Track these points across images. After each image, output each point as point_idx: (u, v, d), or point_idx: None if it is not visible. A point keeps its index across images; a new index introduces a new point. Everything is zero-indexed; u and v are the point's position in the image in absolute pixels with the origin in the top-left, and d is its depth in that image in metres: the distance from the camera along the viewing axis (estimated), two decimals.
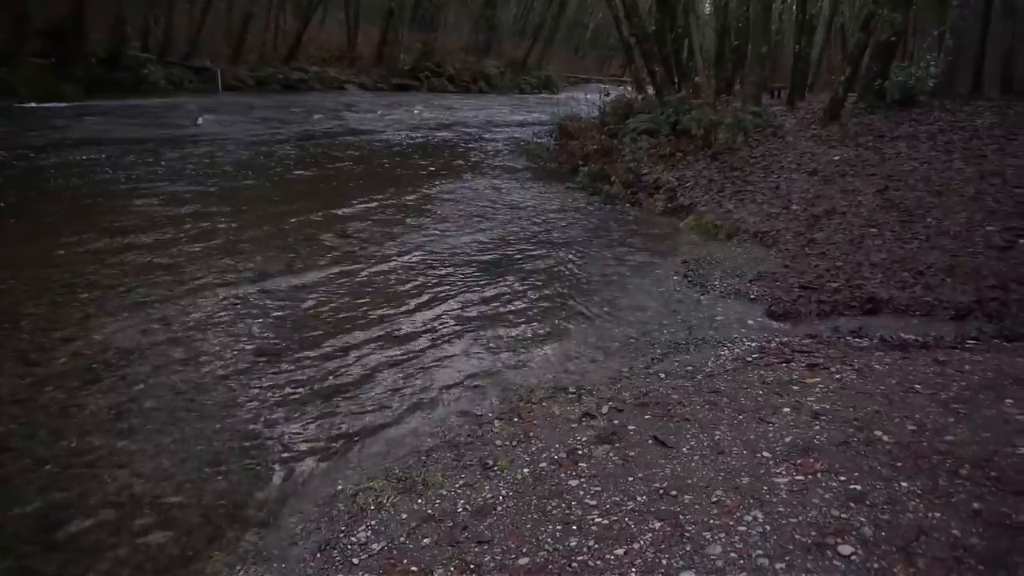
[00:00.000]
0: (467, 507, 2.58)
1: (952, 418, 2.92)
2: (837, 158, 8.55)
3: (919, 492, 2.36)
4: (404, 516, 2.55)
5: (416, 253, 6.03)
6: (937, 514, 2.22)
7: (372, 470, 2.94)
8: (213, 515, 2.64)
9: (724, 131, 9.77)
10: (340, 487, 2.83)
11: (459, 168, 10.45)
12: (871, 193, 7.14)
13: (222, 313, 4.45)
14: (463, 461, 2.95)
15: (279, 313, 4.53)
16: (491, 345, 4.32)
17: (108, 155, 9.11)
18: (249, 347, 4.02)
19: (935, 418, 2.93)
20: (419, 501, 2.64)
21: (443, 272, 5.58)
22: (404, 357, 4.06)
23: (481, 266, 5.81)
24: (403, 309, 4.77)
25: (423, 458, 3.03)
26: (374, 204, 7.67)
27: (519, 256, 6.18)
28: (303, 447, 3.11)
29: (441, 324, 4.57)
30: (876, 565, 2.01)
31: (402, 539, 2.41)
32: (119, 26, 15.14)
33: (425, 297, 5.02)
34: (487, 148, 12.67)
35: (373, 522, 2.53)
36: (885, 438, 2.77)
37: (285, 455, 3.04)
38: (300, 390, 3.59)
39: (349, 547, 2.40)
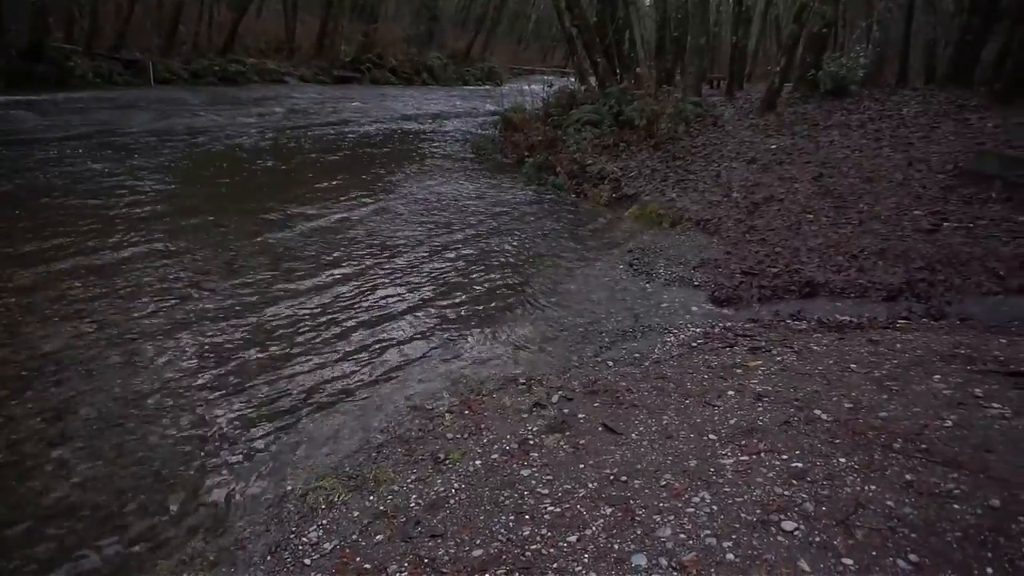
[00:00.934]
0: (420, 502, 2.56)
1: (885, 395, 3.04)
2: (774, 147, 8.79)
3: (856, 467, 2.45)
4: (356, 514, 2.52)
5: (361, 248, 5.94)
6: (873, 487, 2.31)
7: (322, 469, 2.90)
8: (157, 523, 2.56)
9: (666, 121, 9.93)
10: (290, 488, 2.78)
11: (404, 161, 10.33)
12: (807, 180, 7.36)
13: (160, 315, 4.31)
14: (415, 456, 2.93)
15: (220, 313, 4.41)
16: (440, 338, 4.29)
17: (24, 152, 8.69)
18: (190, 349, 3.91)
19: (870, 395, 3.05)
20: (371, 498, 2.62)
21: (389, 267, 5.52)
22: (351, 354, 4.01)
23: (428, 260, 5.77)
24: (349, 305, 4.70)
25: (374, 455, 3.00)
26: (317, 200, 7.53)
27: (466, 249, 6.16)
28: (250, 449, 3.04)
29: (389, 319, 4.52)
30: (817, 538, 2.08)
31: (354, 537, 2.38)
32: (40, 16, 14.38)
33: (372, 293, 4.96)
34: (432, 140, 12.57)
35: (324, 521, 2.50)
36: (824, 416, 2.87)
37: (231, 458, 2.97)
38: (245, 391, 3.51)
39: (300, 548, 2.37)
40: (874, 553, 2.00)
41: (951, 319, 4.49)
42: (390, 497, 2.61)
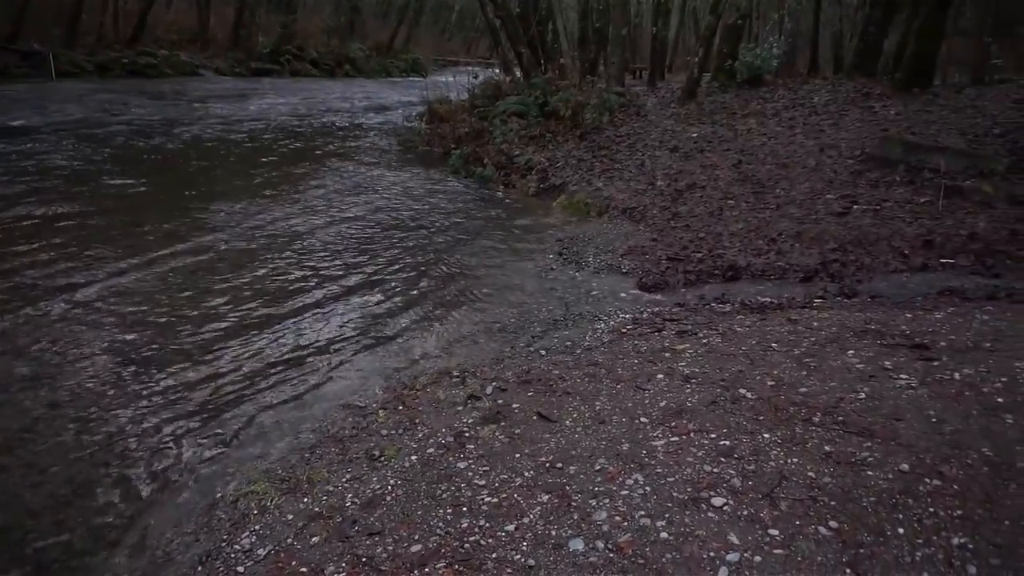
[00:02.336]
0: (356, 500, 2.53)
1: (804, 371, 3.18)
2: (696, 135, 9.03)
3: (779, 441, 2.56)
4: (290, 517, 2.46)
5: (283, 245, 5.79)
6: (795, 460, 2.42)
7: (253, 473, 2.81)
8: (76, 540, 2.43)
9: (591, 111, 10.06)
10: (219, 494, 2.69)
11: (329, 155, 10.11)
12: (727, 167, 7.60)
13: (71, 319, 4.09)
14: (349, 454, 2.89)
15: (137, 316, 4.22)
16: (370, 334, 4.23)
17: None
18: (104, 354, 3.73)
19: (790, 373, 3.18)
20: (305, 500, 2.56)
21: (316, 263, 5.40)
22: (279, 353, 3.90)
23: (356, 255, 5.67)
24: (275, 304, 4.57)
25: (307, 455, 2.93)
26: (238, 196, 7.29)
27: (395, 243, 6.08)
28: (175, 457, 2.93)
29: (316, 316, 4.43)
30: (745, 512, 2.16)
31: (289, 540, 2.33)
32: None
33: (298, 290, 4.84)
34: (357, 134, 12.35)
35: (257, 527, 2.43)
36: (749, 395, 2.98)
37: (155, 468, 2.85)
38: (168, 396, 3.37)
39: (233, 555, 2.30)
40: (797, 522, 2.09)
41: (862, 297, 4.73)
42: (325, 498, 2.56)
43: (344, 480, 2.67)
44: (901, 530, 2.01)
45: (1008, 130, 7.49)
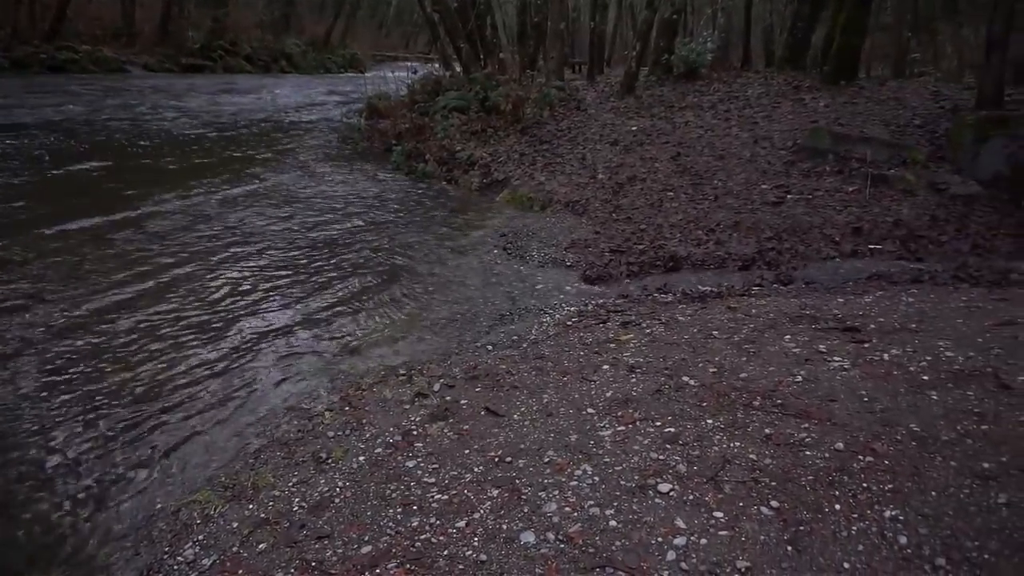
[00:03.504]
0: (303, 504, 2.48)
1: (744, 357, 3.28)
2: (635, 128, 9.17)
3: (722, 426, 2.63)
4: (235, 524, 2.40)
5: (221, 246, 5.62)
6: (737, 443, 2.49)
7: (195, 482, 2.73)
8: (5, 560, 2.32)
9: (531, 106, 10.09)
10: (159, 506, 2.60)
11: (265, 154, 9.86)
12: (666, 160, 7.74)
13: None
14: (295, 458, 2.83)
15: (66, 322, 4.04)
16: (314, 335, 4.15)
17: None
18: (32, 368, 3.55)
19: (731, 359, 3.27)
20: (250, 506, 2.50)
21: (254, 264, 5.27)
22: (219, 356, 3.79)
23: (296, 255, 5.55)
24: (212, 306, 4.44)
25: (251, 461, 2.86)
26: (173, 197, 7.03)
27: (336, 242, 5.98)
28: (110, 469, 2.82)
29: (257, 318, 4.32)
30: (691, 496, 2.22)
31: (235, 549, 2.27)
32: None
33: (236, 291, 4.71)
34: (294, 131, 12.07)
35: (200, 536, 2.36)
36: (692, 382, 3.05)
37: (89, 481, 2.73)
38: (100, 405, 3.23)
39: (175, 568, 2.23)
40: (741, 504, 2.15)
41: (797, 283, 4.90)
42: (271, 503, 2.51)
43: (291, 484, 2.62)
44: (838, 506, 2.10)
45: (927, 121, 7.86)
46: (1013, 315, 3.43)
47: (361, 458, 2.75)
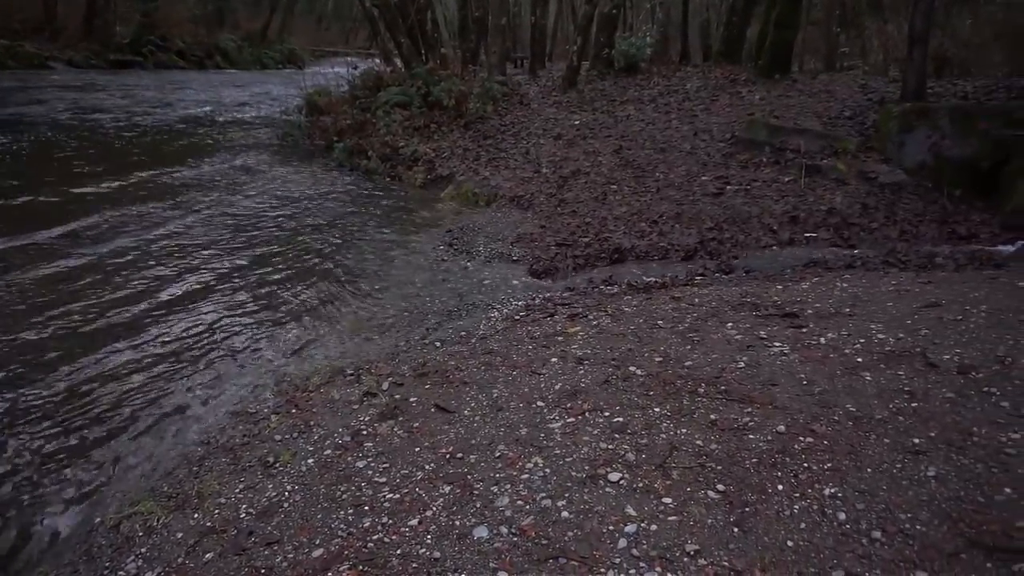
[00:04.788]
0: (251, 511, 2.43)
1: (689, 346, 3.34)
2: (578, 122, 9.24)
3: (669, 414, 2.68)
4: (180, 535, 2.33)
5: (160, 248, 5.44)
6: (684, 430, 2.54)
7: (136, 493, 2.64)
8: None
9: (474, 101, 10.07)
10: (99, 519, 2.50)
11: (202, 152, 9.56)
12: (609, 153, 7.83)
13: None
14: (241, 463, 2.76)
15: None
16: (257, 338, 4.06)
17: None
18: None
19: (676, 348, 3.33)
20: (195, 516, 2.43)
21: (194, 266, 5.11)
22: (157, 363, 3.67)
23: (236, 256, 5.41)
24: (150, 310, 4.29)
25: (195, 468, 2.78)
26: (102, 199, 6.75)
27: (278, 242, 5.86)
28: (44, 482, 2.70)
29: (197, 321, 4.19)
30: (640, 484, 2.25)
31: (181, 560, 2.20)
32: None
33: (178, 294, 4.56)
34: (233, 128, 11.74)
35: (143, 549, 2.28)
36: (638, 372, 3.10)
37: (22, 495, 2.61)
38: (32, 415, 3.09)
39: None
40: (688, 489, 2.20)
41: (738, 272, 5.03)
42: (218, 511, 2.45)
43: (237, 491, 2.56)
44: (780, 486, 2.16)
45: (856, 113, 8.16)
46: (938, 297, 3.60)
47: (310, 460, 2.71)
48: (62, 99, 13.18)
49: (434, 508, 2.28)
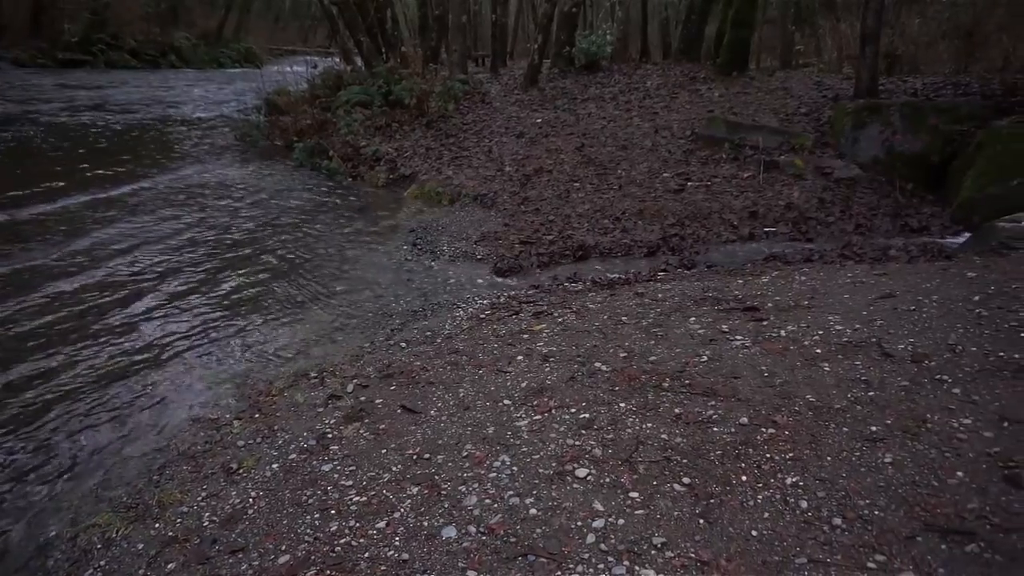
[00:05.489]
0: (214, 519, 2.38)
1: (653, 341, 3.38)
2: (540, 120, 9.27)
3: (634, 409, 2.70)
4: (140, 546, 2.28)
5: (115, 253, 5.30)
6: (649, 424, 2.57)
7: (94, 505, 2.57)
8: None
9: (436, 100, 10.02)
10: (54, 533, 2.43)
11: (160, 153, 9.33)
12: (571, 151, 7.87)
13: None
14: (203, 471, 2.71)
15: None
16: (219, 342, 3.99)
17: None
18: None
19: (640, 343, 3.36)
20: (156, 526, 2.38)
21: (154, 269, 4.99)
22: (115, 370, 3.58)
23: (198, 259, 5.30)
24: (108, 315, 4.18)
25: (156, 477, 2.72)
26: (55, 202, 6.55)
27: (239, 244, 5.76)
28: None
29: (157, 327, 4.10)
30: (607, 479, 2.27)
31: (141, 571, 2.15)
32: None
33: (134, 300, 4.45)
34: (190, 128, 11.49)
35: (103, 562, 2.23)
36: (604, 368, 3.12)
37: None
38: None
39: None
40: (655, 482, 2.22)
41: (700, 267, 5.09)
42: (179, 520, 2.39)
43: (200, 499, 2.51)
44: (744, 477, 2.20)
45: (812, 109, 8.33)
46: (892, 289, 3.69)
47: (274, 466, 2.67)
48: (7, 100, 12.74)
49: (402, 510, 2.26)
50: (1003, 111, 6.52)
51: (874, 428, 2.37)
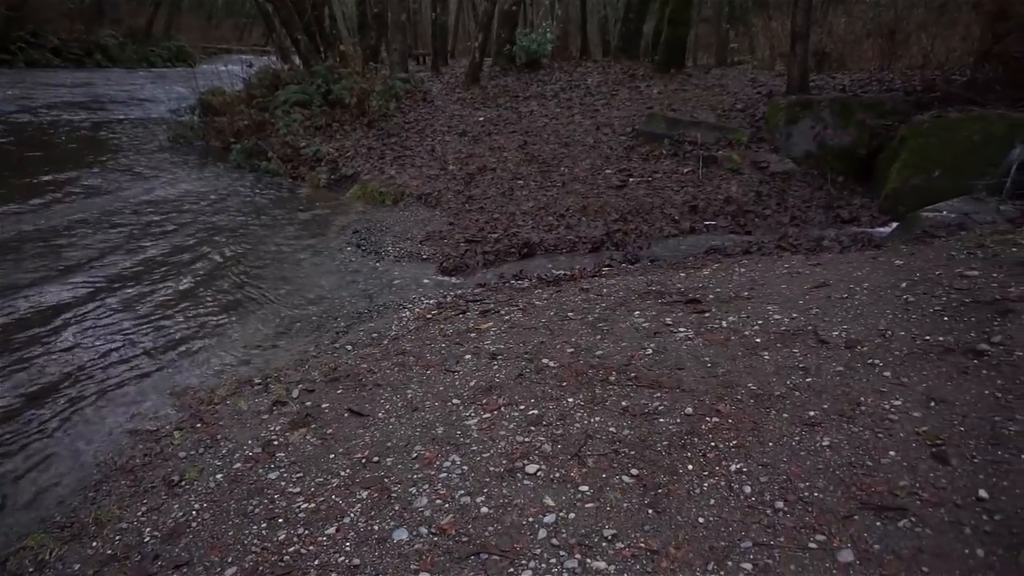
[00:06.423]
0: (156, 534, 2.30)
1: (599, 335, 3.41)
2: (482, 119, 9.26)
3: (582, 404, 2.73)
4: (77, 567, 2.18)
5: (44, 264, 5.06)
6: (597, 418, 2.60)
7: (24, 527, 2.45)
8: None
9: (377, 99, 9.91)
10: None
11: (88, 157, 8.93)
12: (514, 149, 7.89)
13: None
14: (143, 485, 2.62)
15: None
16: (155, 350, 3.85)
17: None
18: None
19: (587, 338, 3.40)
20: (94, 544, 2.29)
21: (84, 277, 4.79)
22: (46, 383, 3.42)
23: (131, 264, 5.11)
24: (36, 325, 3.99)
25: (92, 494, 2.61)
26: None
27: (177, 249, 5.57)
28: None
29: (89, 336, 3.94)
30: (557, 474, 2.29)
31: None
32: None
33: (65, 308, 4.27)
34: (121, 131, 11.04)
35: None
36: (551, 364, 3.14)
37: None
38: None
39: None
40: (604, 475, 2.25)
41: (643, 261, 5.17)
42: (119, 537, 2.31)
43: (140, 514, 2.42)
44: (690, 466, 2.24)
45: (748, 105, 8.56)
46: (826, 278, 3.82)
47: (218, 476, 2.59)
48: None
49: (352, 514, 2.23)
50: (923, 106, 6.82)
51: (812, 413, 2.45)
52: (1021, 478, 2.00)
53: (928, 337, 2.84)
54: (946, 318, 2.97)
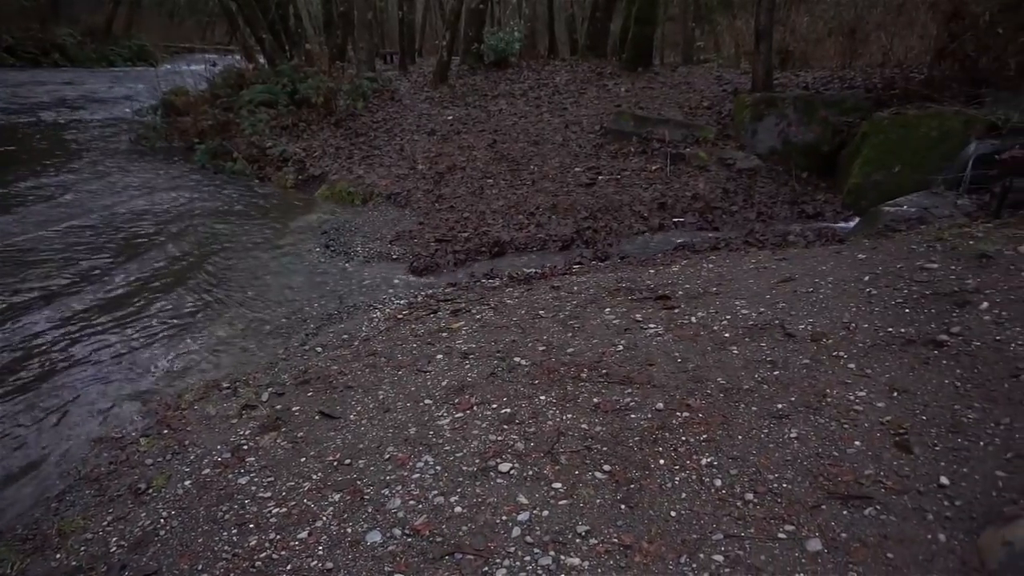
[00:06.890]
0: (123, 543, 2.26)
1: (570, 333, 3.43)
2: (451, 117, 9.23)
3: (554, 401, 2.74)
4: None
5: (7, 264, 4.93)
6: (570, 416, 2.61)
7: None
8: None
9: (344, 98, 9.83)
10: None
11: (49, 160, 8.67)
12: (484, 147, 7.88)
13: None
14: (108, 494, 2.56)
15: None
16: (120, 355, 3.77)
17: None
18: None
19: (558, 336, 3.41)
20: (58, 556, 2.24)
21: (45, 281, 4.67)
22: (7, 390, 3.33)
23: (94, 268, 5.00)
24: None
25: (55, 505, 2.56)
26: None
27: (140, 249, 5.46)
28: None
29: (51, 341, 3.84)
30: (531, 472, 2.29)
31: None
32: None
33: (24, 312, 4.16)
34: (82, 132, 10.76)
35: None
36: (523, 362, 3.14)
37: None
38: None
39: None
40: (577, 472, 2.26)
41: (613, 259, 5.21)
42: (84, 548, 2.26)
43: (106, 523, 2.38)
44: (662, 461, 2.27)
45: (714, 103, 8.66)
46: (792, 273, 3.89)
47: (187, 482, 2.55)
48: None
49: (324, 518, 2.21)
50: (883, 103, 6.96)
51: (780, 405, 2.49)
52: (980, 464, 2.06)
53: (890, 329, 2.91)
54: (907, 310, 3.03)
